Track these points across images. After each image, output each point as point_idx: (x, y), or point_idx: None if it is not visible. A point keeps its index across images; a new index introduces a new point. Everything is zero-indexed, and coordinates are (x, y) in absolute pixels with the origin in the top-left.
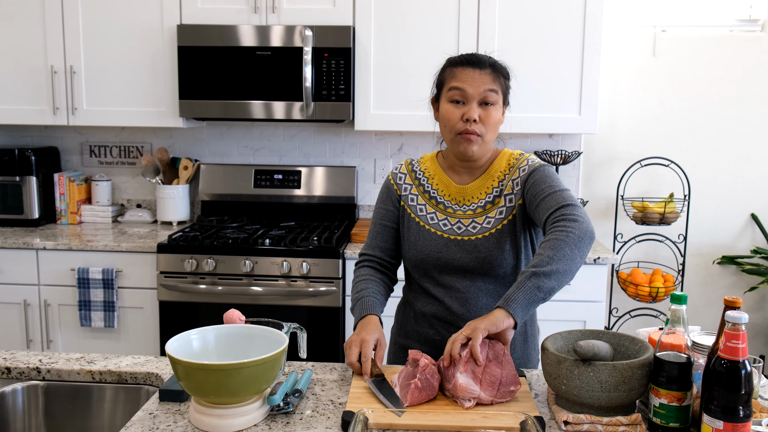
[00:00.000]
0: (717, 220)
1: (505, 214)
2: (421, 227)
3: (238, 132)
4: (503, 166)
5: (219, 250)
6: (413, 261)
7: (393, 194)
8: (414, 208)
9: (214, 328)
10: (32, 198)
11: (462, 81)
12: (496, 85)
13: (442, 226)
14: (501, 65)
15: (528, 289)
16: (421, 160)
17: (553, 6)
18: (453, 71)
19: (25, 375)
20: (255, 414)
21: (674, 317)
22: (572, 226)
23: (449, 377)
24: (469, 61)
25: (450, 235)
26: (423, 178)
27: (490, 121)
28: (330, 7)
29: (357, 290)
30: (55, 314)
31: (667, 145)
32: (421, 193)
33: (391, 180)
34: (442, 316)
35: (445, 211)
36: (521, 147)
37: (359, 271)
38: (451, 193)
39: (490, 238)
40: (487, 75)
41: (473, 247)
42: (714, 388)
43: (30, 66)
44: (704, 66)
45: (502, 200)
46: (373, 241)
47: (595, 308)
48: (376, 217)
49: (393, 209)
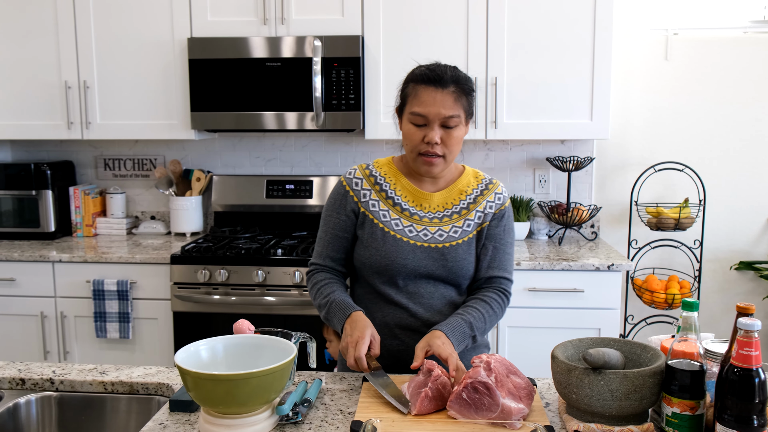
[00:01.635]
0: (733, 225)
1: (472, 227)
2: (386, 233)
3: (249, 143)
4: (471, 181)
5: (232, 260)
6: (376, 267)
7: (349, 201)
8: (376, 213)
9: (223, 338)
10: (48, 211)
11: (424, 105)
12: (458, 107)
13: (407, 233)
14: (464, 80)
15: (464, 338)
16: (376, 165)
17: (562, 12)
18: (416, 90)
19: (39, 386)
20: (264, 424)
21: (686, 324)
22: (504, 304)
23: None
24: (431, 79)
25: (417, 242)
26: (384, 183)
27: (452, 141)
28: (339, 17)
29: (323, 295)
30: (72, 326)
31: (680, 150)
32: (382, 198)
33: (346, 186)
34: (407, 324)
35: (410, 217)
36: (533, 154)
37: (316, 276)
38: (414, 199)
39: (458, 247)
40: (449, 96)
41: (440, 255)
42: (727, 396)
43: (44, 82)
44: (718, 69)
45: (472, 214)
46: (325, 251)
47: (609, 316)
48: (327, 225)
49: (346, 218)
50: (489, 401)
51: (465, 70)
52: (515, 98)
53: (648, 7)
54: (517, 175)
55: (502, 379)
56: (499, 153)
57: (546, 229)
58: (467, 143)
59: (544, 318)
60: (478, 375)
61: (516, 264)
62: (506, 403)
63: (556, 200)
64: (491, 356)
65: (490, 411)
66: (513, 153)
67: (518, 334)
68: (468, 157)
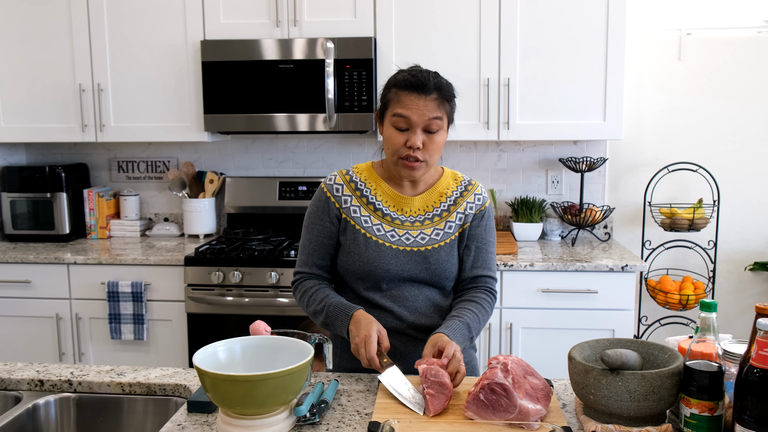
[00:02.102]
0: (748, 226)
1: (454, 229)
2: (368, 239)
3: (262, 145)
4: (450, 184)
5: (245, 262)
6: (360, 273)
7: (331, 208)
8: (358, 219)
9: (241, 339)
10: (63, 214)
11: (406, 108)
12: (440, 112)
13: (390, 237)
14: (446, 86)
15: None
16: (356, 170)
17: (575, 13)
18: (398, 95)
19: (58, 387)
20: (282, 425)
21: (704, 325)
22: (492, 303)
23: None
24: (413, 85)
25: (399, 246)
26: (365, 189)
27: (433, 147)
28: (351, 19)
29: (318, 300)
30: (87, 327)
31: (694, 150)
32: (363, 204)
33: (327, 193)
34: (392, 327)
35: (392, 222)
36: (546, 154)
37: (304, 284)
38: (395, 204)
39: (440, 250)
40: (432, 102)
41: (423, 258)
42: (747, 397)
43: (58, 85)
44: (731, 68)
45: (453, 216)
46: (310, 259)
47: (623, 317)
48: (311, 233)
49: (330, 224)
50: (506, 402)
51: (477, 71)
52: (528, 99)
53: (661, 7)
54: (530, 176)
55: (520, 380)
56: (511, 154)
57: (559, 230)
58: (479, 144)
59: (557, 319)
60: (495, 376)
61: (529, 265)
62: (524, 404)
63: (569, 201)
64: (508, 357)
65: (507, 412)
66: (525, 154)
67: (532, 335)
68: (481, 159)
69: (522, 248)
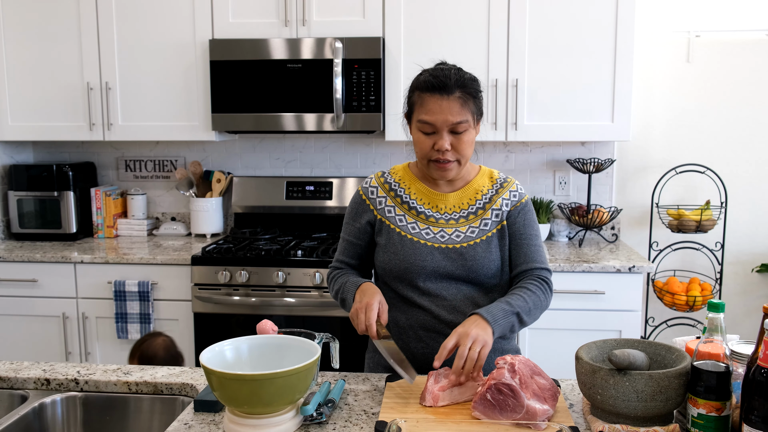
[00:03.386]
0: (755, 227)
1: (491, 226)
2: (403, 237)
3: (269, 144)
4: (486, 182)
5: (252, 261)
6: (396, 271)
7: (366, 210)
8: (393, 219)
9: (248, 338)
10: (70, 212)
11: (431, 113)
12: (465, 112)
13: (424, 235)
14: (469, 83)
15: (504, 314)
16: (392, 172)
17: (583, 14)
18: (422, 98)
19: (64, 386)
20: (288, 424)
21: (711, 326)
22: (545, 289)
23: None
24: (435, 86)
25: (434, 243)
26: (399, 189)
27: (463, 146)
28: (360, 18)
29: (339, 283)
30: (93, 327)
31: (702, 152)
32: (398, 204)
33: (363, 195)
34: (430, 326)
35: (426, 220)
36: (554, 155)
37: (334, 273)
38: (430, 201)
39: (476, 246)
40: (456, 102)
41: (458, 255)
42: (754, 397)
43: (67, 83)
44: (740, 71)
45: (489, 213)
46: (340, 255)
47: (630, 318)
48: (344, 232)
49: (361, 225)
50: (513, 402)
51: (486, 72)
52: (536, 100)
53: (670, 9)
54: (537, 177)
55: (527, 380)
56: (519, 155)
57: (566, 230)
58: (487, 145)
59: (564, 320)
60: (502, 377)
61: None
62: (531, 404)
63: (577, 202)
64: (515, 357)
65: (514, 412)
66: (533, 155)
67: (539, 335)
68: (488, 159)
69: None
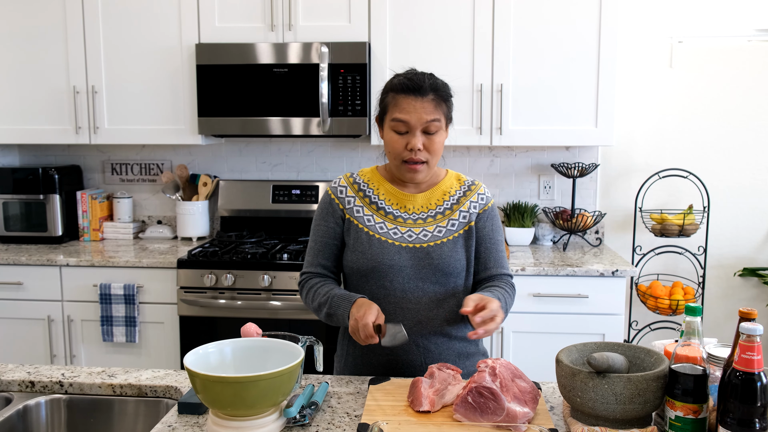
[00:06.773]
0: (738, 232)
1: (458, 227)
2: (371, 236)
3: (256, 148)
4: (454, 183)
5: (238, 265)
6: (364, 270)
7: (335, 209)
8: (361, 219)
9: (232, 341)
10: (56, 215)
11: (404, 112)
12: (438, 113)
13: (392, 235)
14: (442, 86)
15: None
16: (361, 173)
17: (567, 19)
18: (396, 99)
19: (48, 389)
20: (271, 426)
21: (689, 329)
22: (512, 292)
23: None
24: (410, 88)
25: (401, 243)
26: (368, 189)
27: (434, 147)
28: (345, 23)
29: (321, 294)
30: (78, 330)
31: (685, 157)
32: (366, 204)
33: (332, 195)
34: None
35: (395, 220)
36: (538, 160)
37: (309, 282)
38: (398, 201)
39: (442, 246)
40: (429, 103)
41: (425, 254)
42: (729, 400)
43: (53, 86)
44: (722, 76)
45: (456, 214)
46: (315, 259)
47: (614, 321)
48: (316, 234)
49: (334, 225)
50: (494, 405)
51: (471, 77)
52: (520, 105)
53: (653, 15)
54: (522, 181)
55: (507, 383)
56: (504, 159)
57: (551, 234)
58: (472, 149)
59: (548, 323)
60: (483, 380)
61: (521, 269)
62: (511, 407)
63: (561, 206)
64: (496, 361)
65: (495, 415)
66: (518, 159)
67: (523, 339)
68: (473, 163)
69: (514, 253)
